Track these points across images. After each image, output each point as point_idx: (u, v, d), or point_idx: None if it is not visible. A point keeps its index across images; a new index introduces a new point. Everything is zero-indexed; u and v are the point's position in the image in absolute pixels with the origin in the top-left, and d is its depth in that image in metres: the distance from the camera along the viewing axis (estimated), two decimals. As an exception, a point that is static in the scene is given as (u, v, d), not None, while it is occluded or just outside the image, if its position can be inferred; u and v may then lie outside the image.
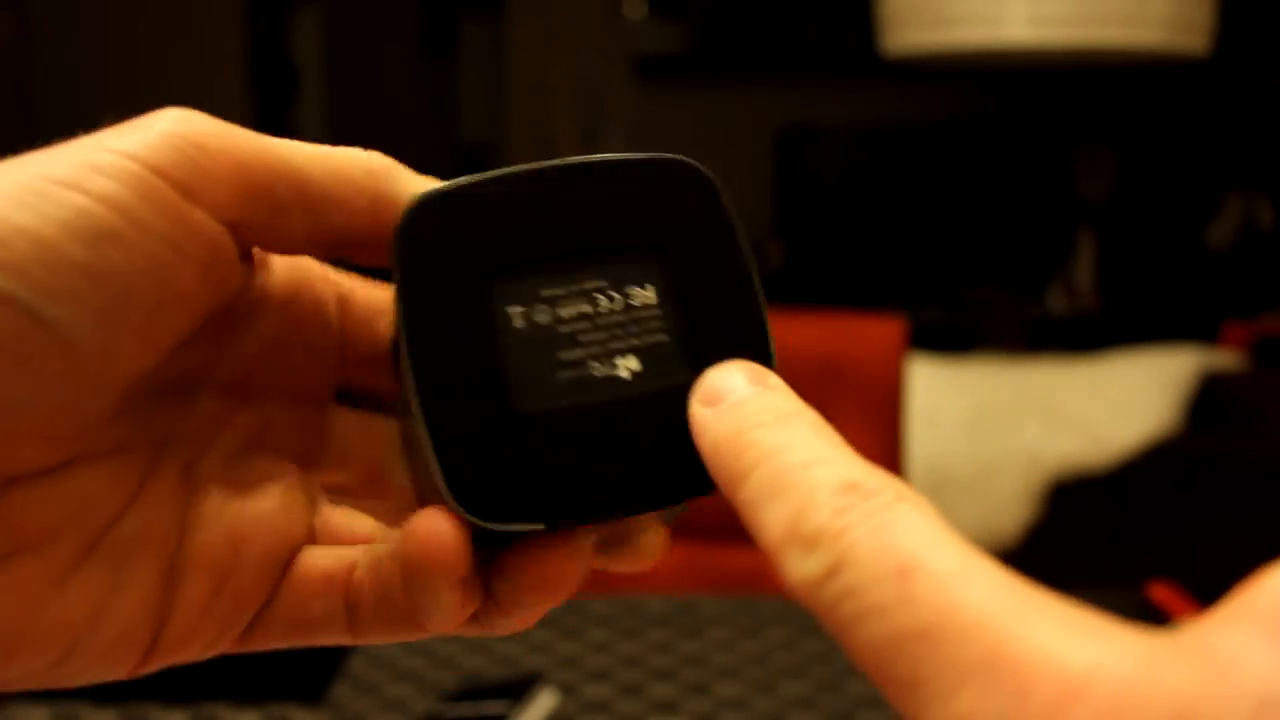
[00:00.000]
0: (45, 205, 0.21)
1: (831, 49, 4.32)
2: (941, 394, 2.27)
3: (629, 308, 0.25)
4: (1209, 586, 0.98)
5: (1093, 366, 2.48)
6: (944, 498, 2.09)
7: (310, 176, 0.25)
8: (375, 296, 0.28)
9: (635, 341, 0.25)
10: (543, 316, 0.25)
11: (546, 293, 0.25)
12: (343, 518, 0.27)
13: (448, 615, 0.24)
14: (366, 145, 0.27)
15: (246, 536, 0.25)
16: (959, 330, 4.05)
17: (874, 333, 1.46)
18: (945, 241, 4.34)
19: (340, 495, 0.28)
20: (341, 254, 0.26)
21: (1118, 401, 2.26)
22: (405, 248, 0.24)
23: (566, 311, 0.25)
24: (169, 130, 0.23)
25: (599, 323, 0.25)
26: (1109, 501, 2.11)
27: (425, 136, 5.88)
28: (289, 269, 0.27)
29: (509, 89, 4.65)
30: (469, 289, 0.24)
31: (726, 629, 0.91)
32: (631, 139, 4.48)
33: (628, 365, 0.25)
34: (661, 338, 0.25)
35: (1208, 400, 2.28)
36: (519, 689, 0.80)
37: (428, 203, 0.25)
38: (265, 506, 0.26)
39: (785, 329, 1.45)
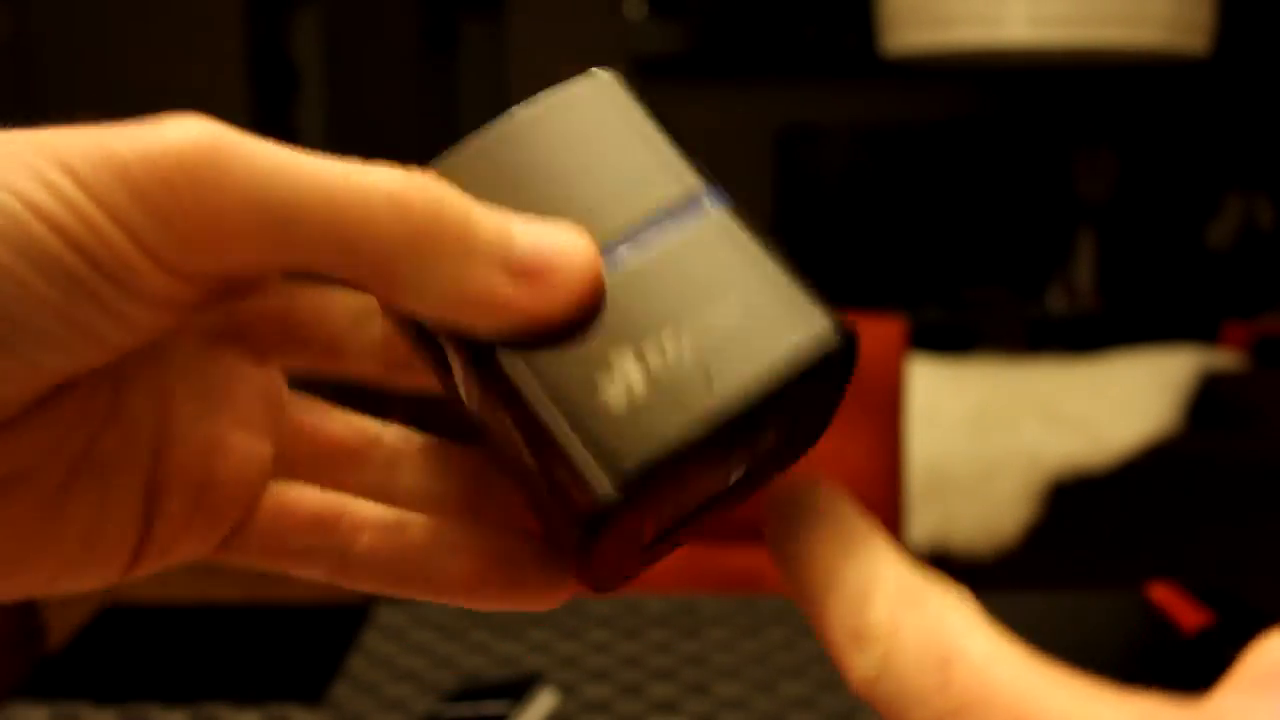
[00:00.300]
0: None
1: (831, 49, 4.32)
2: (941, 394, 2.27)
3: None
4: (1209, 586, 0.98)
5: (1093, 366, 2.48)
6: (944, 498, 2.09)
7: (352, 218, 0.21)
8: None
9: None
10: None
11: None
12: (313, 417, 0.27)
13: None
14: (367, 145, 0.26)
15: (219, 451, 0.25)
16: (959, 330, 4.05)
17: (874, 333, 1.46)
18: (945, 241, 4.35)
19: (303, 371, 0.27)
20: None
21: (1118, 401, 2.26)
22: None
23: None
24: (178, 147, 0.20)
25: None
26: (1109, 501, 2.11)
27: (425, 136, 5.88)
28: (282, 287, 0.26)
29: (509, 89, 4.65)
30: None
31: (726, 629, 0.91)
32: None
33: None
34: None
35: (1208, 400, 2.28)
36: (519, 689, 0.80)
37: (450, 159, 0.24)
38: (234, 418, 0.25)
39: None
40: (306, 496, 0.26)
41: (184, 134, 0.19)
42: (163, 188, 0.19)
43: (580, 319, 0.22)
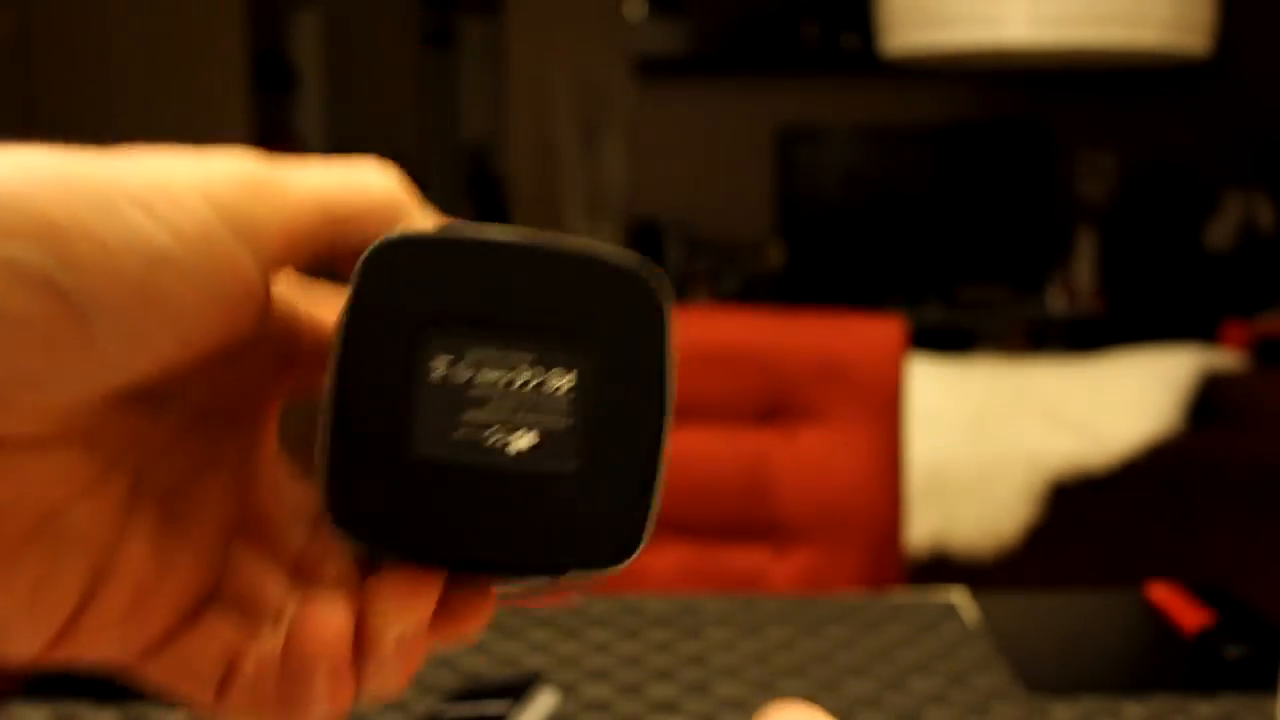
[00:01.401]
0: (113, 217, 0.22)
1: (831, 49, 4.32)
2: (941, 394, 2.27)
3: (543, 387, 0.26)
4: (1209, 586, 0.98)
5: (1093, 366, 2.48)
6: (944, 498, 2.09)
7: (344, 214, 0.26)
8: None
9: (537, 420, 0.26)
10: (462, 375, 0.26)
11: (473, 354, 0.26)
12: (253, 573, 0.28)
13: (321, 707, 0.26)
14: (366, 146, 0.27)
15: (173, 568, 0.26)
16: (959, 330, 4.05)
17: (874, 333, 1.46)
18: (945, 241, 4.35)
19: (263, 530, 0.28)
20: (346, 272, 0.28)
21: (1118, 401, 2.26)
22: (359, 283, 0.26)
23: (485, 376, 0.26)
24: (235, 173, 0.24)
25: (510, 394, 0.26)
26: (1109, 501, 2.11)
27: (425, 136, 5.88)
28: (280, 308, 0.28)
29: (509, 89, 4.65)
30: (404, 332, 0.26)
31: (726, 629, 0.91)
32: (631, 139, 4.48)
33: (522, 442, 0.26)
34: (561, 422, 0.26)
35: (1208, 400, 2.28)
36: (519, 689, 0.80)
37: (392, 245, 0.26)
38: (195, 544, 0.27)
39: (785, 329, 1.45)
40: (223, 631, 0.27)
41: (251, 164, 0.25)
42: (251, 200, 0.24)
43: None
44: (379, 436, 0.26)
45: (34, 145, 0.24)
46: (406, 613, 0.26)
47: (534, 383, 0.26)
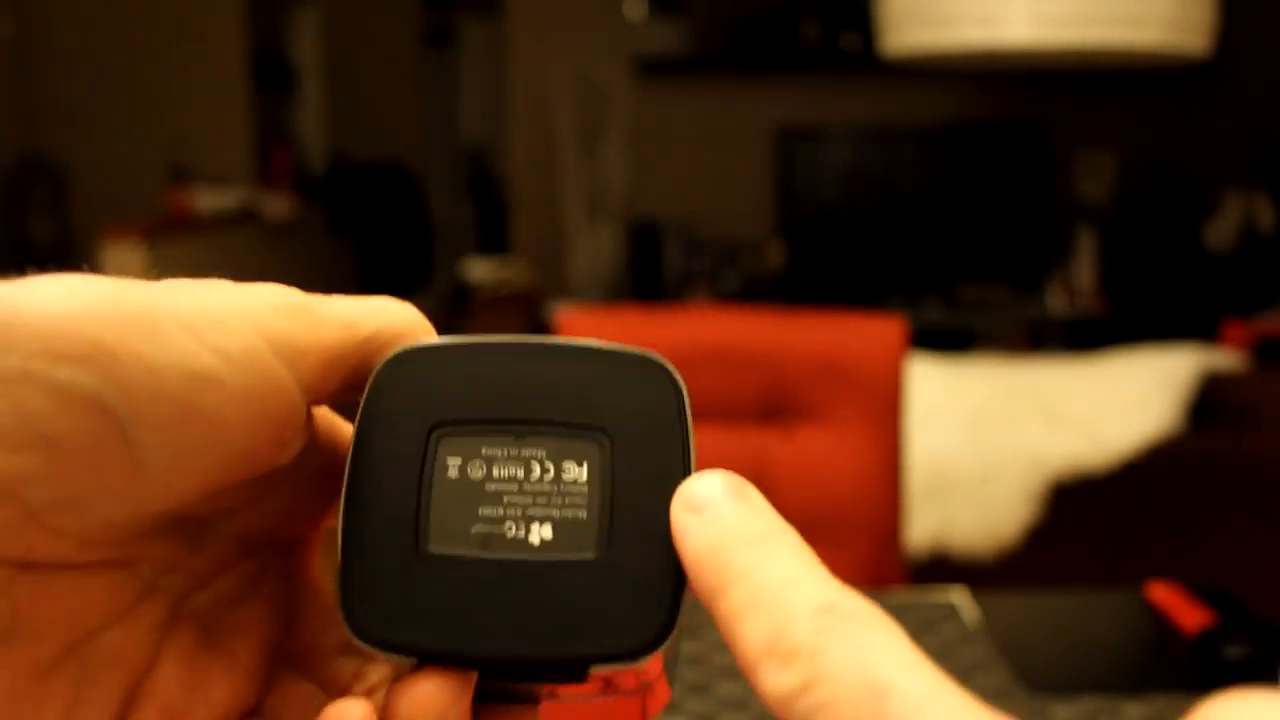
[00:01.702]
0: (160, 339, 0.23)
1: (831, 49, 4.32)
2: (941, 394, 2.27)
3: (559, 480, 0.27)
4: (1209, 587, 0.98)
5: (1093, 366, 2.48)
6: (944, 498, 2.09)
7: (370, 335, 0.27)
8: None
9: (555, 513, 0.26)
10: (476, 472, 0.27)
11: (487, 451, 0.27)
12: (299, 696, 0.28)
13: None
14: (367, 145, 0.27)
15: (206, 690, 0.26)
16: (959, 330, 4.05)
17: (874, 333, 1.46)
18: (945, 241, 4.35)
19: (308, 656, 0.29)
20: None
21: (1118, 401, 2.26)
22: (371, 391, 0.27)
23: (500, 472, 0.27)
24: (274, 299, 0.25)
25: (526, 488, 0.26)
26: (1109, 501, 2.11)
27: (425, 136, 5.88)
28: (320, 436, 0.29)
29: (509, 89, 4.65)
30: (417, 434, 0.27)
31: (726, 629, 0.91)
32: (631, 139, 4.48)
33: (540, 533, 0.26)
34: (580, 514, 0.26)
35: (1208, 400, 2.28)
36: (519, 689, 0.80)
37: (404, 353, 0.27)
38: (231, 667, 0.27)
39: (785, 329, 1.45)
40: None
41: (288, 292, 0.26)
42: (291, 323, 0.25)
43: None
44: (394, 537, 0.26)
45: (34, 146, 0.24)
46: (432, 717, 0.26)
47: (550, 476, 0.27)
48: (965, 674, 0.84)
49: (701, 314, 1.47)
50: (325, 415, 0.29)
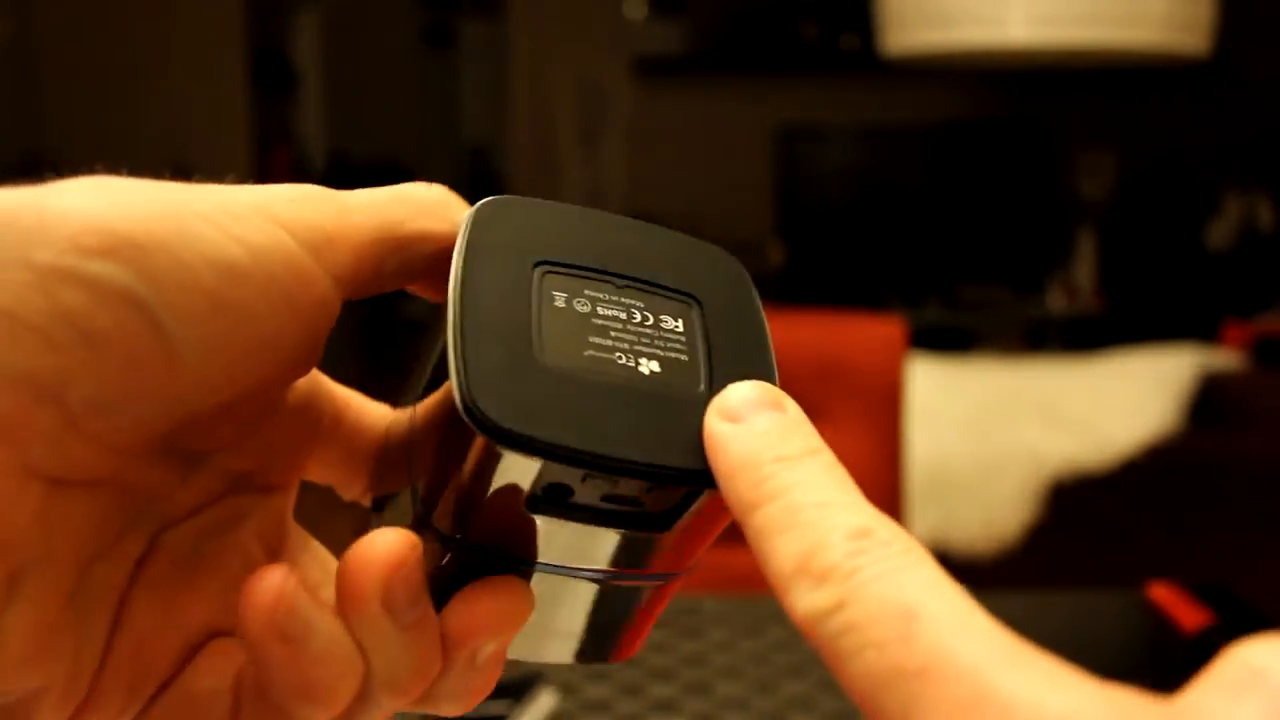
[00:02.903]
0: (187, 232, 0.23)
1: (831, 49, 4.32)
2: (941, 394, 2.27)
3: (659, 327, 0.27)
4: (1209, 586, 0.98)
5: (1093, 366, 2.48)
6: (944, 498, 2.09)
7: (402, 218, 0.27)
8: (368, 413, 0.31)
9: (659, 352, 0.27)
10: (582, 307, 0.27)
11: (589, 293, 0.27)
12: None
13: (395, 662, 0.25)
14: (367, 145, 0.28)
15: (179, 624, 0.26)
16: (959, 330, 4.05)
17: (874, 333, 1.46)
18: (945, 241, 4.34)
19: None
20: (421, 283, 0.29)
21: (1118, 401, 2.25)
22: (471, 227, 0.27)
23: (604, 311, 0.27)
24: (295, 192, 0.26)
25: (630, 328, 0.27)
26: (1109, 501, 2.11)
27: (425, 136, 5.88)
28: (307, 379, 0.29)
29: (509, 89, 4.65)
30: (522, 266, 0.27)
31: (726, 629, 0.91)
32: (631, 139, 4.48)
33: (650, 366, 0.26)
34: (682, 356, 0.27)
35: (1208, 400, 2.28)
36: (519, 689, 0.80)
37: (501, 201, 0.28)
38: (206, 600, 0.27)
39: (785, 329, 1.45)
40: (223, 645, 0.27)
41: (308, 186, 0.26)
42: (314, 213, 0.25)
43: None
44: (511, 345, 0.26)
45: (34, 146, 0.24)
46: (497, 623, 0.26)
47: (650, 323, 0.27)
48: (965, 674, 0.84)
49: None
50: (312, 375, 0.29)
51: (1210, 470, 2.12)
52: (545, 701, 0.80)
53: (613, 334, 0.27)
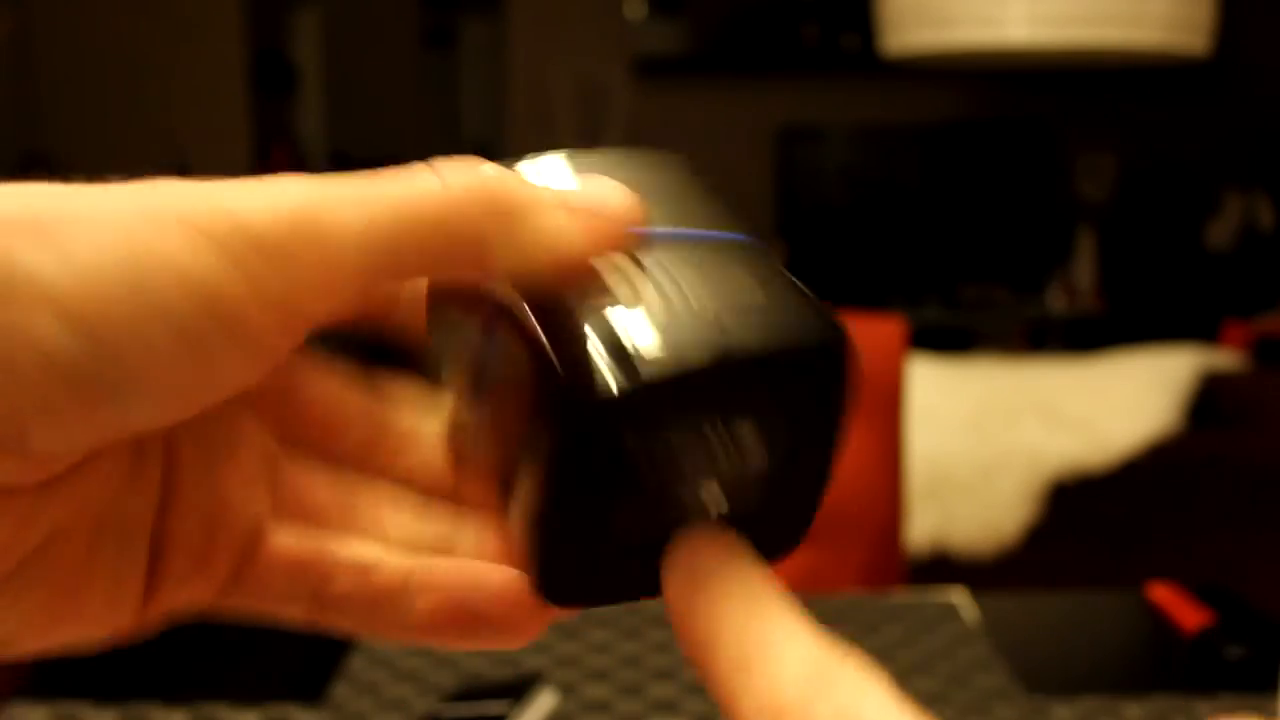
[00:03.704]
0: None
1: (831, 49, 4.32)
2: (941, 394, 2.27)
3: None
4: (1209, 586, 0.98)
5: (1093, 366, 2.48)
6: (944, 498, 2.09)
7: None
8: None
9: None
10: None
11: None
12: (301, 479, 0.27)
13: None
14: (366, 145, 0.26)
15: (220, 509, 0.26)
16: (959, 330, 4.05)
17: (874, 333, 1.46)
18: (945, 241, 4.35)
19: (297, 445, 0.28)
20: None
21: (1118, 401, 2.26)
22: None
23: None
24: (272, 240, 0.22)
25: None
26: (1109, 501, 2.11)
27: (425, 136, 5.88)
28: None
29: (509, 89, 4.65)
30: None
31: (726, 629, 0.91)
32: (631, 139, 4.48)
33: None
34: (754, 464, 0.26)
35: (1208, 400, 2.28)
36: (519, 689, 0.80)
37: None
38: (235, 477, 0.26)
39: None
40: (286, 544, 0.26)
41: (292, 191, 0.21)
42: (281, 238, 0.21)
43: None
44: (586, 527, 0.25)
45: (34, 146, 0.23)
46: None
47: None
48: (965, 674, 0.84)
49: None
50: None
51: (1210, 470, 2.12)
52: (545, 701, 0.80)
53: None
